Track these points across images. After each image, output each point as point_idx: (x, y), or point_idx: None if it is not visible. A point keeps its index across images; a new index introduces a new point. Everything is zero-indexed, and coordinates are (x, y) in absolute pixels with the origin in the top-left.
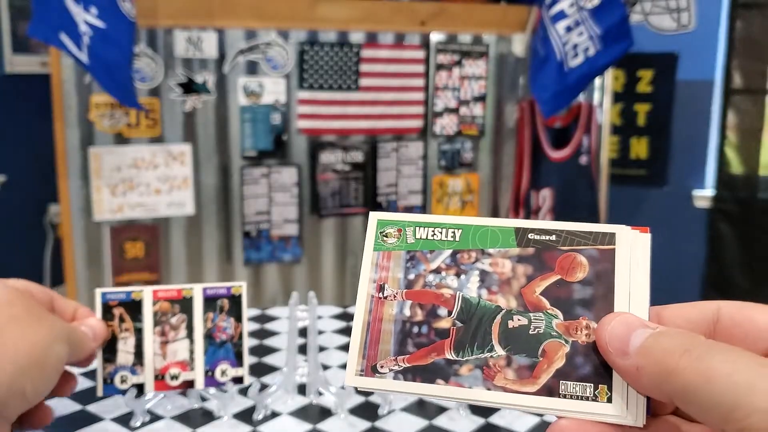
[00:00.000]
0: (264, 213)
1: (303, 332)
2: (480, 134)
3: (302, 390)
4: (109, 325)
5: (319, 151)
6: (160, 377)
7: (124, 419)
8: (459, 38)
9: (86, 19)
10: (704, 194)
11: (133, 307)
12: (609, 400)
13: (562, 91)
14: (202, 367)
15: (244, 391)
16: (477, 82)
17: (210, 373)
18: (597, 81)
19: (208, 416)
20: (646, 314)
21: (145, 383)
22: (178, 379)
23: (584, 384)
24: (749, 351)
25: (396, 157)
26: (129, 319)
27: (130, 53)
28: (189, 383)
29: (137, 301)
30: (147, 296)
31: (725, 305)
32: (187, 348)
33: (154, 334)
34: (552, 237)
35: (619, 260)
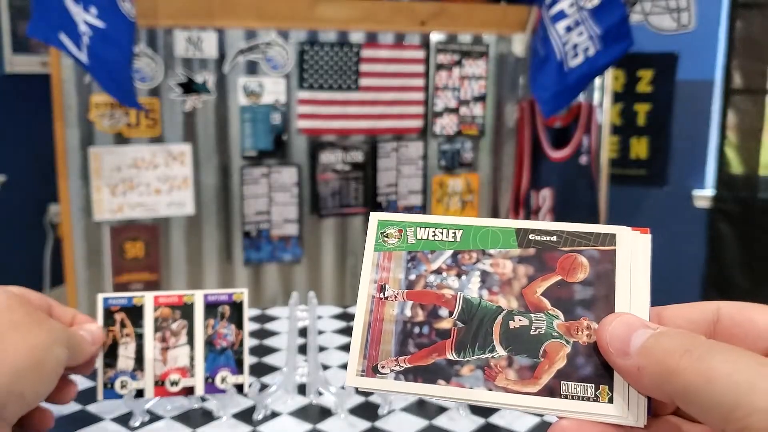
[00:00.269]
0: (264, 213)
1: (303, 332)
2: (480, 134)
3: (302, 390)
4: (111, 330)
5: (319, 151)
6: (160, 383)
7: (124, 419)
8: (459, 38)
9: (86, 19)
10: (704, 194)
11: (135, 313)
12: (610, 401)
13: (562, 91)
14: (202, 373)
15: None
16: (477, 82)
17: (210, 380)
18: (597, 81)
19: (207, 416)
20: (647, 315)
21: (145, 389)
22: (178, 386)
23: (585, 384)
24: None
25: (396, 157)
26: (130, 325)
27: (129, 53)
28: (189, 390)
29: (138, 306)
30: (148, 302)
31: (725, 305)
32: (188, 354)
33: (155, 339)
34: (553, 238)
35: (620, 261)
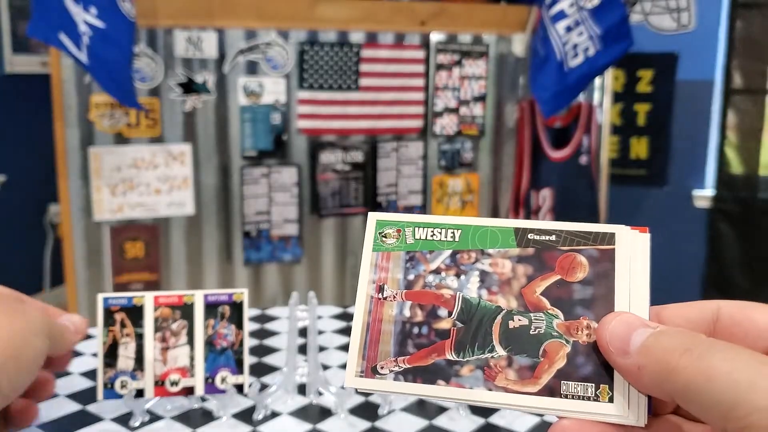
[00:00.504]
0: (264, 213)
1: (303, 332)
2: (480, 134)
3: (302, 390)
4: (111, 330)
5: (319, 151)
6: (160, 383)
7: (124, 419)
8: (459, 38)
9: (86, 19)
10: (704, 194)
11: (135, 313)
12: (611, 400)
13: (562, 91)
14: (202, 373)
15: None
16: (477, 82)
17: (210, 380)
18: (597, 81)
19: (207, 416)
20: (647, 314)
21: (145, 389)
22: (178, 386)
23: (585, 384)
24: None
25: (396, 157)
26: (130, 325)
27: (129, 53)
28: (189, 390)
29: (138, 306)
30: (148, 302)
31: (725, 304)
32: (188, 354)
33: (155, 339)
34: (552, 237)
35: (619, 260)
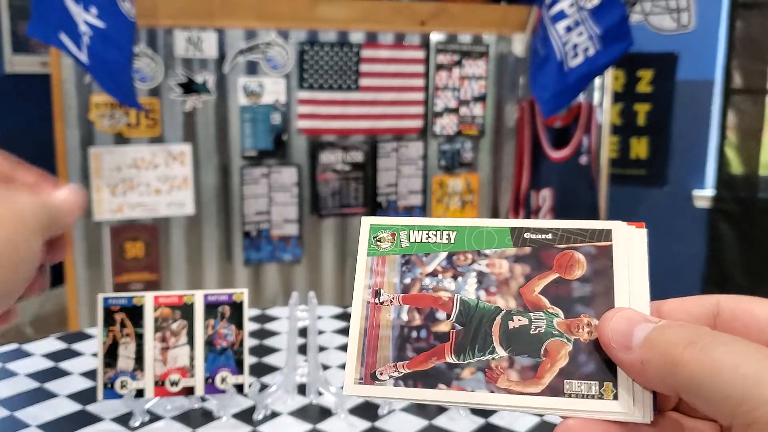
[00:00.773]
0: (264, 213)
1: (303, 332)
2: (480, 134)
3: (302, 390)
4: (111, 330)
5: (319, 151)
6: (160, 383)
7: (124, 419)
8: (459, 38)
9: (86, 19)
10: (704, 194)
11: (135, 313)
12: (615, 397)
13: (562, 91)
14: (202, 373)
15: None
16: (477, 82)
17: (210, 380)
18: (597, 81)
19: (207, 416)
20: (647, 309)
21: (145, 389)
22: (178, 386)
23: (589, 382)
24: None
25: (396, 157)
26: (130, 325)
27: (130, 53)
28: (189, 390)
29: (138, 306)
30: (148, 302)
31: (724, 299)
32: (188, 354)
33: (155, 339)
34: (548, 235)
35: (617, 256)
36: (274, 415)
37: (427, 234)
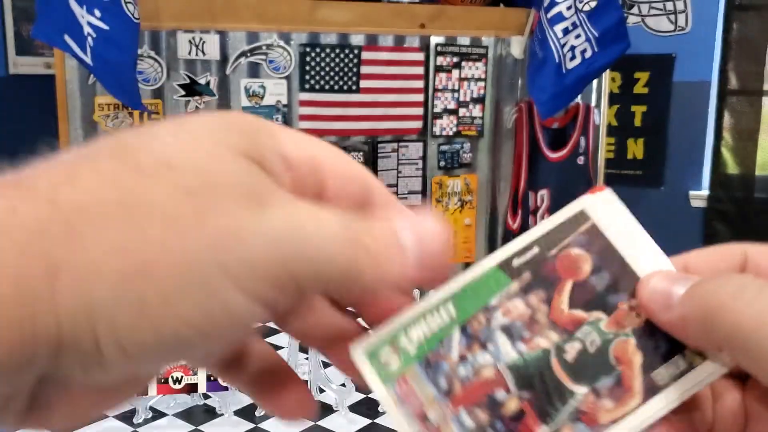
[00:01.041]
0: None
1: None
2: (479, 135)
3: None
4: None
5: None
6: (164, 380)
7: (127, 416)
8: (458, 40)
9: (90, 21)
10: (700, 195)
11: None
12: (704, 358)
13: (560, 92)
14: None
15: None
16: (476, 84)
17: (212, 378)
18: (594, 82)
19: (210, 413)
20: (672, 267)
21: (148, 386)
22: (180, 383)
23: (673, 362)
24: None
25: (396, 157)
26: None
27: (133, 55)
28: (192, 387)
29: None
30: None
31: (751, 249)
32: None
33: None
34: (534, 250)
35: (606, 229)
36: None
37: (425, 322)
